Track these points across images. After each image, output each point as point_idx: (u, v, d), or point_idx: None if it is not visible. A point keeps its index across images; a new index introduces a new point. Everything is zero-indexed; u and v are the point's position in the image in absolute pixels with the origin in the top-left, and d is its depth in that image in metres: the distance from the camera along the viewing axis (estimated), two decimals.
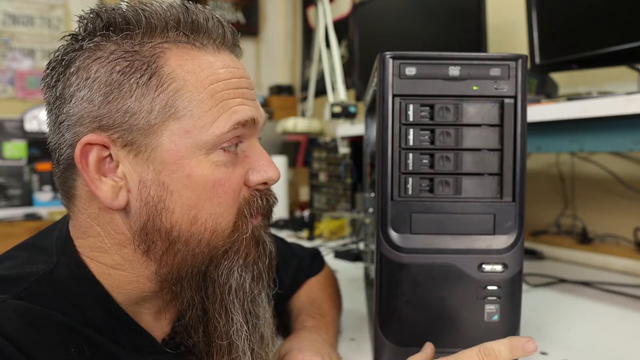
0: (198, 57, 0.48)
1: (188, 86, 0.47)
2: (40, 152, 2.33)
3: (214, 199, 0.49)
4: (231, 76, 0.50)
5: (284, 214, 1.97)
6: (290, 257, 0.83)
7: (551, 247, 1.36)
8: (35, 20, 2.66)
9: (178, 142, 0.47)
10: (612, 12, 1.00)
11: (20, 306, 0.43)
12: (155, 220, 0.48)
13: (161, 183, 0.47)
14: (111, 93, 0.46)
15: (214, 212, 0.49)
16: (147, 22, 0.47)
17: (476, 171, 0.59)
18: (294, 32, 3.20)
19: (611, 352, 0.72)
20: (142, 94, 0.46)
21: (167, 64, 0.46)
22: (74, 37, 0.49)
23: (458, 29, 1.36)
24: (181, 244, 0.48)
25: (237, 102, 0.49)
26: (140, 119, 0.46)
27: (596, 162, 1.33)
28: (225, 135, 0.48)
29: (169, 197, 0.47)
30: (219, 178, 0.48)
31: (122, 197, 0.47)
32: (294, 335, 0.68)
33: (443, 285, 0.59)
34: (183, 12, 0.48)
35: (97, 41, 0.47)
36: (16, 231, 1.97)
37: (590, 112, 0.86)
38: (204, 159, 0.48)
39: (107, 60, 0.46)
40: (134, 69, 0.46)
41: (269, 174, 0.52)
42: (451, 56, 0.59)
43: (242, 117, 0.49)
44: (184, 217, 0.48)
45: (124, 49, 0.46)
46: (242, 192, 0.51)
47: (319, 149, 1.88)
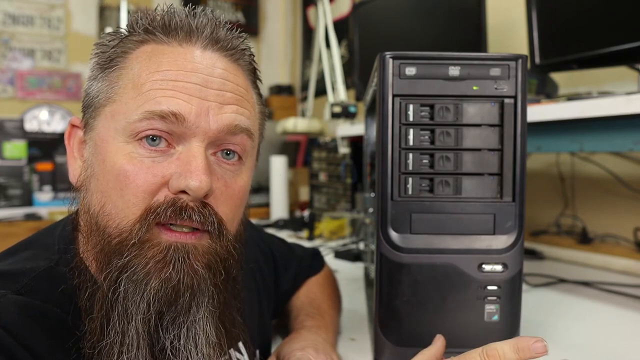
0: (157, 50, 0.49)
1: (129, 74, 0.48)
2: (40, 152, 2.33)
3: (118, 191, 0.46)
4: (178, 68, 0.47)
5: (284, 214, 1.97)
6: (290, 257, 0.83)
7: (551, 247, 1.36)
8: (35, 20, 2.66)
9: (105, 126, 0.48)
10: (612, 12, 1.00)
11: (20, 301, 0.43)
12: (85, 200, 0.49)
13: (91, 164, 0.49)
14: (91, 80, 0.51)
15: (117, 205, 0.46)
16: (133, 23, 0.50)
17: (476, 171, 0.59)
18: (294, 32, 3.20)
19: (611, 352, 0.72)
20: (101, 79, 0.49)
21: (129, 57, 0.49)
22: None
23: (458, 29, 1.36)
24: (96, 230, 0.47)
25: (165, 93, 0.46)
26: (94, 101, 0.49)
27: (596, 162, 1.33)
28: (136, 124, 0.45)
29: (92, 179, 0.48)
30: (126, 170, 0.46)
31: (78, 175, 0.51)
32: (294, 335, 0.68)
33: (443, 285, 0.59)
34: (165, 14, 0.50)
35: (103, 39, 0.51)
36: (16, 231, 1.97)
37: (590, 112, 0.86)
38: (122, 147, 0.46)
39: (97, 55, 0.51)
40: (107, 59, 0.49)
41: (187, 182, 0.45)
42: (451, 56, 0.58)
43: (158, 107, 0.45)
44: (97, 202, 0.47)
45: (109, 44, 0.50)
46: (158, 196, 0.46)
47: (319, 149, 1.88)
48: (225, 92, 0.49)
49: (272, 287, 0.76)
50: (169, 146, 0.47)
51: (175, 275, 0.45)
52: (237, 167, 0.51)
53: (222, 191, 0.49)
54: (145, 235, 0.45)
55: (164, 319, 0.46)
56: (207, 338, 0.47)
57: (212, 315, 0.48)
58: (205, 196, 0.47)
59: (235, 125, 0.49)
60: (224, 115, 0.48)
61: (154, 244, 0.45)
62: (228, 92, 0.49)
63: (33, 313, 0.43)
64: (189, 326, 0.47)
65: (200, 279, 0.47)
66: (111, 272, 0.45)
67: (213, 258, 0.48)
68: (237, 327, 0.54)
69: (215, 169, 0.49)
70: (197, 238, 0.47)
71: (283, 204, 1.99)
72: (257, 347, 0.66)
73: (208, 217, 0.47)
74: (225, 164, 0.50)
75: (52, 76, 2.70)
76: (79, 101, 2.87)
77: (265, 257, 0.77)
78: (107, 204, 0.46)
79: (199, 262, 0.47)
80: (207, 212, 0.47)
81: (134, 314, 0.44)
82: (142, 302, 0.44)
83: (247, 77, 0.54)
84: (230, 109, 0.49)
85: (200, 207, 0.46)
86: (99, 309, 0.45)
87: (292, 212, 2.08)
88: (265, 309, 0.72)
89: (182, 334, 0.46)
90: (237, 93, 0.50)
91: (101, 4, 2.75)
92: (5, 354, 0.40)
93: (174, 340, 0.46)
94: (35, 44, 2.66)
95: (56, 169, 2.32)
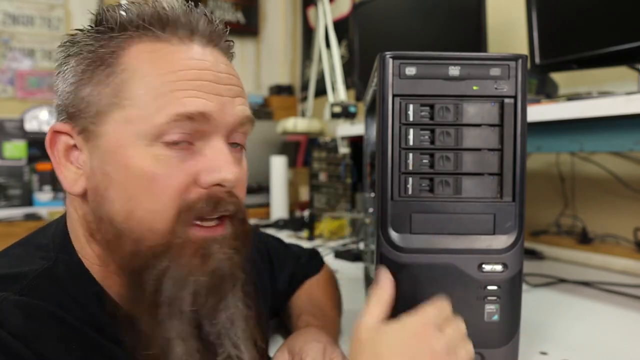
0: (159, 49, 0.48)
1: (138, 76, 0.47)
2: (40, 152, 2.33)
3: (150, 195, 0.46)
4: (190, 67, 0.47)
5: (284, 214, 1.97)
6: (287, 256, 0.83)
7: (551, 247, 1.36)
8: (35, 20, 2.66)
9: (119, 131, 0.47)
10: (612, 12, 1.00)
11: (22, 303, 0.43)
12: (101, 210, 0.48)
13: (105, 172, 0.47)
14: (77, 83, 0.48)
15: (150, 209, 0.46)
16: (118, 19, 0.48)
17: (476, 171, 0.59)
18: (294, 32, 3.20)
19: (611, 352, 0.72)
20: (97, 82, 0.48)
21: (125, 56, 0.48)
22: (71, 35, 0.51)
23: (458, 29, 1.36)
24: (122, 238, 0.47)
25: (188, 93, 0.46)
26: (92, 106, 0.48)
27: (596, 162, 1.33)
28: (164, 126, 0.45)
29: (111, 187, 0.47)
30: (156, 173, 0.46)
31: (80, 184, 0.49)
32: (303, 331, 0.67)
33: (443, 285, 0.59)
34: (154, 8, 0.49)
35: (79, 38, 0.49)
36: (16, 231, 1.97)
37: (590, 112, 0.86)
38: (145, 150, 0.46)
39: (79, 54, 0.49)
40: (97, 61, 0.48)
41: (222, 174, 0.47)
42: (451, 56, 0.58)
43: (186, 109, 0.46)
44: (122, 209, 0.47)
45: (94, 44, 0.48)
46: (189, 194, 0.47)
47: (319, 149, 1.88)
48: (232, 86, 0.50)
49: (269, 287, 0.76)
50: (189, 144, 0.48)
51: (218, 265, 0.48)
52: (241, 154, 0.54)
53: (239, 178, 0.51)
54: (184, 235, 0.47)
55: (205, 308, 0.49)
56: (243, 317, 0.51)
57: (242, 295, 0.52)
58: None
59: (246, 116, 0.51)
60: (236, 108, 0.50)
61: (192, 242, 0.47)
62: (234, 85, 0.51)
63: (37, 315, 0.43)
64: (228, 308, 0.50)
65: (235, 264, 0.50)
66: (153, 274, 0.46)
67: (237, 244, 0.51)
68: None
69: None
70: (223, 229, 0.50)
71: (283, 204, 1.99)
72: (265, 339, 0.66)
73: (238, 204, 0.50)
74: (234, 152, 0.52)
75: (52, 76, 2.69)
76: None
77: (261, 257, 0.77)
78: (137, 209, 0.46)
79: (231, 249, 0.49)
80: (235, 200, 0.50)
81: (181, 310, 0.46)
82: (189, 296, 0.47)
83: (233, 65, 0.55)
84: (239, 101, 0.51)
85: (230, 197, 0.49)
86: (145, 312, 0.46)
87: (292, 212, 2.08)
88: (262, 307, 0.72)
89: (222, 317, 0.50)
90: (239, 85, 0.52)
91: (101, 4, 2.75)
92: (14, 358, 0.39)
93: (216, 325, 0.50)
94: (35, 44, 2.66)
95: None
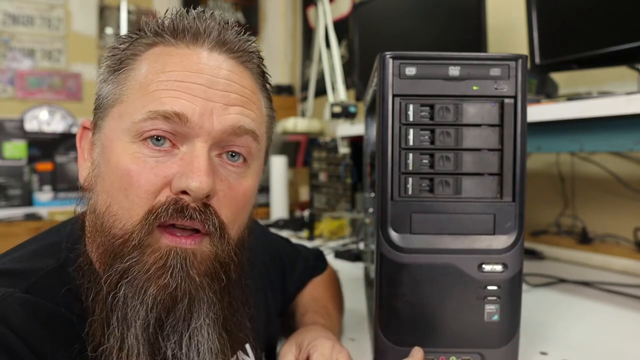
0: (165, 52, 0.49)
1: (136, 75, 0.48)
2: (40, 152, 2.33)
3: (123, 192, 0.46)
4: (183, 69, 0.47)
5: (284, 214, 1.97)
6: (296, 258, 0.83)
7: (551, 247, 1.36)
8: (35, 20, 2.65)
9: (112, 126, 0.48)
10: (612, 12, 1.00)
11: (26, 300, 0.43)
12: (91, 200, 0.50)
13: (98, 164, 0.49)
14: (102, 82, 0.51)
15: (122, 206, 0.46)
16: (144, 26, 0.50)
17: (476, 171, 0.59)
18: (294, 32, 3.19)
19: (611, 352, 0.72)
20: (112, 81, 0.49)
21: (139, 59, 0.49)
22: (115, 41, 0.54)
23: (458, 29, 1.36)
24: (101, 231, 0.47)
25: (170, 93, 0.46)
26: (103, 103, 0.50)
27: (596, 162, 1.33)
28: (140, 124, 0.45)
29: (99, 179, 0.49)
30: (130, 169, 0.45)
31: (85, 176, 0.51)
32: (310, 327, 0.67)
33: (443, 285, 0.59)
34: (175, 17, 0.50)
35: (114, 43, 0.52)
36: (16, 231, 1.97)
37: (590, 112, 0.86)
38: (127, 147, 0.46)
39: (109, 57, 0.51)
40: (119, 62, 0.50)
41: (188, 182, 0.44)
42: (451, 56, 0.58)
43: (162, 107, 0.45)
44: (103, 202, 0.47)
45: (121, 47, 0.50)
46: (160, 196, 0.46)
47: (319, 149, 1.88)
48: (230, 93, 0.48)
49: (279, 288, 0.76)
50: (173, 146, 0.47)
51: (172, 282, 0.44)
52: (242, 169, 0.50)
53: (226, 193, 0.48)
54: (146, 239, 0.45)
55: (165, 326, 0.45)
56: (209, 345, 0.47)
57: (214, 321, 0.47)
58: (207, 197, 0.46)
59: (239, 126, 0.48)
60: (227, 116, 0.47)
61: (154, 249, 0.45)
62: (233, 93, 0.49)
63: (40, 313, 0.43)
64: (190, 334, 0.46)
65: (198, 286, 0.46)
66: (112, 275, 0.45)
67: (212, 264, 0.48)
68: (243, 331, 0.54)
69: (219, 170, 0.48)
70: (196, 243, 0.47)
71: (283, 204, 1.99)
72: (263, 349, 0.66)
73: (209, 217, 0.46)
74: (230, 165, 0.49)
75: (52, 76, 2.70)
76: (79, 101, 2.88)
77: (272, 257, 0.77)
78: (113, 205, 0.46)
79: (196, 269, 0.46)
80: (208, 212, 0.46)
81: (133, 320, 0.44)
82: (141, 308, 0.44)
83: (255, 79, 0.53)
84: (235, 110, 0.48)
85: (202, 207, 0.46)
86: (100, 311, 0.45)
87: (292, 212, 2.08)
88: (272, 309, 0.72)
89: (183, 341, 0.46)
90: (243, 95, 0.50)
91: (101, 4, 2.76)
92: (12, 355, 0.40)
93: (175, 348, 0.45)
94: (35, 44, 2.66)
95: (56, 169, 2.32)
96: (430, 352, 0.60)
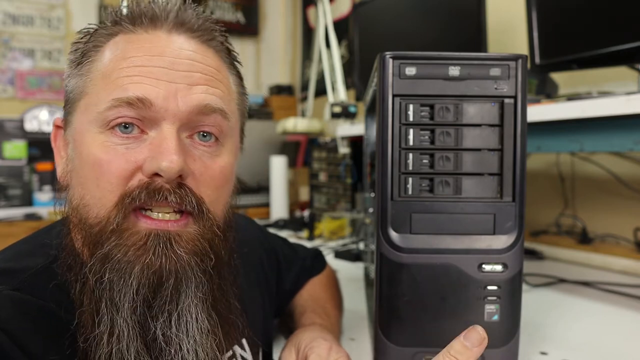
0: (125, 39, 0.49)
1: (98, 66, 0.48)
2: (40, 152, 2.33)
3: (95, 181, 0.46)
4: (142, 53, 0.47)
5: (284, 214, 1.97)
6: (293, 257, 0.83)
7: (551, 247, 1.36)
8: (35, 20, 2.65)
9: (79, 119, 0.49)
10: (612, 12, 1.00)
11: (16, 297, 0.44)
12: (68, 195, 0.50)
13: (71, 159, 0.49)
14: (68, 78, 0.51)
15: (95, 196, 0.46)
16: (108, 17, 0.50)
17: (476, 171, 0.59)
18: (294, 32, 3.19)
19: (611, 352, 0.72)
20: (77, 75, 0.50)
21: (100, 50, 0.49)
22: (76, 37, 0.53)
23: (458, 29, 1.36)
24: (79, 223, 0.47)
25: (131, 79, 0.46)
26: (70, 98, 0.50)
27: (596, 162, 1.33)
28: (106, 112, 0.46)
29: (73, 173, 0.49)
30: (101, 159, 0.46)
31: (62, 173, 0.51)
32: (309, 327, 0.67)
33: (443, 285, 0.59)
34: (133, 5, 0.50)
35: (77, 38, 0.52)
36: (16, 231, 1.97)
37: (590, 112, 0.86)
38: (96, 137, 0.46)
39: (73, 52, 0.51)
40: (83, 56, 0.50)
41: (159, 163, 0.44)
42: (451, 56, 0.58)
43: (125, 94, 0.45)
44: (78, 195, 0.48)
45: (83, 40, 0.51)
46: (132, 182, 0.46)
47: (319, 149, 1.89)
48: (193, 73, 0.48)
49: (275, 286, 0.76)
50: (141, 132, 0.47)
51: (156, 260, 0.44)
52: (215, 148, 0.50)
53: (202, 172, 0.48)
54: (123, 223, 0.45)
55: (153, 307, 0.45)
56: (199, 324, 0.47)
57: (203, 301, 0.47)
58: (180, 177, 0.46)
59: (205, 104, 0.48)
60: (192, 96, 0.47)
61: (132, 232, 0.45)
62: (196, 72, 0.48)
63: (28, 310, 0.43)
64: (179, 313, 0.46)
65: (186, 264, 0.46)
66: (95, 263, 0.45)
67: (200, 243, 0.48)
68: (233, 313, 0.54)
69: (191, 150, 0.48)
70: (180, 225, 0.47)
71: (283, 204, 1.99)
72: (259, 345, 0.65)
73: (185, 196, 0.46)
74: (202, 145, 0.49)
75: (52, 76, 2.70)
76: None
77: (268, 256, 0.77)
78: (86, 195, 0.47)
79: (182, 248, 0.46)
80: (183, 192, 0.46)
81: (120, 303, 0.44)
82: (128, 290, 0.44)
83: (221, 58, 0.53)
84: (200, 89, 0.48)
85: (176, 187, 0.46)
86: (89, 302, 0.45)
87: (292, 212, 2.08)
88: (267, 307, 0.72)
89: (172, 321, 0.45)
90: (207, 73, 0.49)
91: (101, 4, 2.76)
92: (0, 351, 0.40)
93: (165, 328, 0.45)
94: (35, 44, 2.66)
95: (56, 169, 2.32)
96: (430, 352, 0.60)
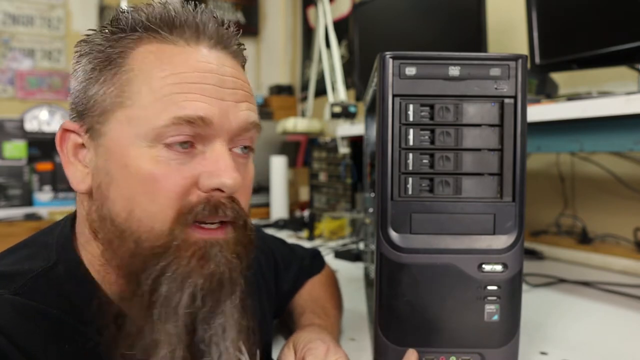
0: (164, 50, 0.48)
1: (141, 77, 0.47)
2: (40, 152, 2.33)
3: (148, 196, 0.46)
4: (193, 70, 0.47)
5: (284, 214, 1.97)
6: (291, 257, 0.83)
7: (551, 247, 1.36)
8: (35, 20, 2.66)
9: (121, 130, 0.47)
10: (612, 12, 1.00)
11: (16, 301, 0.43)
12: (104, 208, 0.48)
13: (108, 171, 0.48)
14: (86, 82, 0.49)
15: (149, 210, 0.46)
16: (130, 20, 0.48)
17: (476, 171, 0.59)
18: (294, 32, 3.19)
19: (611, 352, 0.72)
20: (103, 82, 0.48)
21: (132, 56, 0.48)
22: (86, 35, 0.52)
23: (458, 29, 1.36)
24: (123, 238, 0.47)
25: (189, 97, 0.46)
26: (98, 105, 0.48)
27: (596, 162, 1.33)
28: (163, 129, 0.45)
29: (112, 186, 0.47)
30: (155, 174, 0.45)
31: (86, 182, 0.49)
32: (307, 328, 0.67)
33: (443, 285, 0.59)
34: (164, 10, 0.49)
35: (92, 38, 0.50)
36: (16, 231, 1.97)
37: (590, 112, 0.86)
38: (145, 151, 0.46)
39: (90, 54, 0.49)
40: (105, 61, 0.48)
41: (222, 179, 0.46)
42: (451, 56, 0.58)
43: (185, 112, 0.45)
44: (122, 209, 0.47)
45: (104, 44, 0.48)
46: (189, 197, 0.47)
47: (319, 149, 1.88)
48: (237, 90, 0.49)
49: (273, 288, 0.76)
50: (192, 147, 0.47)
51: (216, 269, 0.47)
52: (248, 159, 0.53)
53: (242, 184, 0.50)
54: (180, 236, 0.46)
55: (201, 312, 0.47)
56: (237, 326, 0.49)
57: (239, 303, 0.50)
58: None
59: (251, 122, 0.50)
60: (239, 113, 0.49)
61: (191, 243, 0.46)
62: (239, 89, 0.50)
63: (29, 314, 0.43)
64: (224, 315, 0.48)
65: (235, 270, 0.49)
66: (150, 274, 0.45)
67: (239, 249, 0.50)
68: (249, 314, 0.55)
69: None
70: (225, 233, 0.49)
71: (283, 204, 1.99)
72: (257, 347, 0.65)
73: (238, 211, 0.49)
74: (240, 157, 0.51)
75: (52, 76, 2.70)
76: None
77: (266, 257, 0.77)
78: (136, 210, 0.46)
79: (231, 254, 0.48)
80: (236, 206, 0.49)
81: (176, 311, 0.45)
82: (185, 298, 0.46)
83: (244, 71, 0.54)
84: (244, 106, 0.50)
85: (230, 202, 0.48)
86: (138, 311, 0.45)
87: (292, 212, 2.08)
88: (266, 308, 0.72)
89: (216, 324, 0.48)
90: (245, 90, 0.51)
91: (101, 4, 2.75)
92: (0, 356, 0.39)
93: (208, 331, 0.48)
94: (35, 44, 2.66)
95: (56, 169, 2.32)
96: (430, 352, 0.60)
